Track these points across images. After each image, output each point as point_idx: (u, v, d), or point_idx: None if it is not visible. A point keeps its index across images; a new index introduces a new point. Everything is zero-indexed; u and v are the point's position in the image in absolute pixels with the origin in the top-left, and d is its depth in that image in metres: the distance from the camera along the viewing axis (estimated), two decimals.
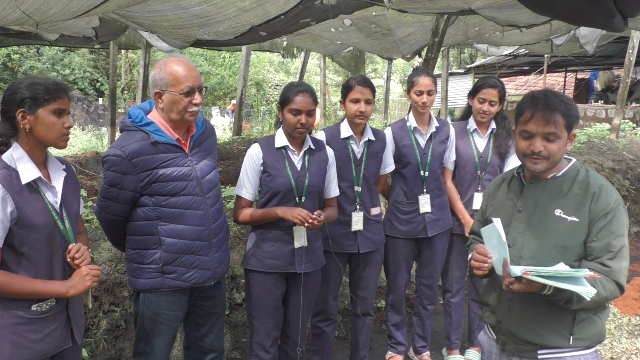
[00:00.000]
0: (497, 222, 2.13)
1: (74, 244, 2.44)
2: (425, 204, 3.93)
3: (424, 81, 3.82)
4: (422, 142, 3.94)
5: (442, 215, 4.02)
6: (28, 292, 2.28)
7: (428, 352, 4.34)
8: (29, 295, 2.29)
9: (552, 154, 2.21)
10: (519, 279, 2.06)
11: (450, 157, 4.08)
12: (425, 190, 3.94)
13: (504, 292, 2.31)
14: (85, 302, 2.61)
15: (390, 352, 4.29)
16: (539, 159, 2.23)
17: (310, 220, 3.00)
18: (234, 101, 26.23)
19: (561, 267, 2.05)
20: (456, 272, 4.24)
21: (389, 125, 4.10)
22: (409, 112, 4.02)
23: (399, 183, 3.96)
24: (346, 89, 3.60)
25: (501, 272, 2.11)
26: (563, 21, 2.73)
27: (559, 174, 2.30)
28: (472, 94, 4.09)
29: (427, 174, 3.92)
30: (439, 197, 4.00)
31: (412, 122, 3.94)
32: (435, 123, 3.98)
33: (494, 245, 2.15)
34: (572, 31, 7.39)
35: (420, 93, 3.83)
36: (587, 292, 1.96)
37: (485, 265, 2.21)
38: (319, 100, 3.41)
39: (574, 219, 2.20)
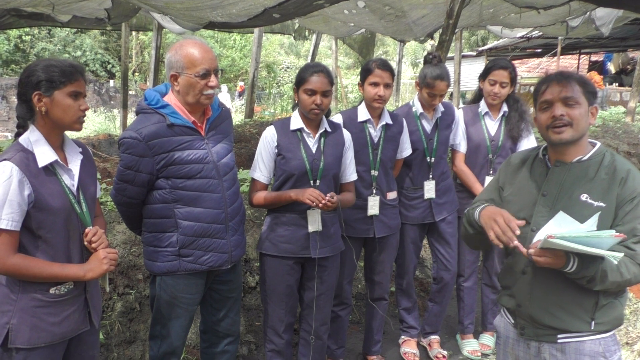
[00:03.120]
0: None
1: (90, 227, 2.43)
2: (430, 189, 3.90)
3: (439, 86, 3.73)
4: (428, 128, 3.90)
5: (447, 199, 4.00)
6: (46, 275, 2.28)
7: (437, 337, 4.34)
8: (47, 278, 2.29)
9: (575, 120, 2.17)
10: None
11: (457, 139, 4.05)
12: (431, 176, 3.91)
13: (525, 276, 2.30)
14: (102, 285, 2.61)
15: (403, 337, 4.30)
16: (562, 125, 2.17)
17: (323, 201, 2.98)
18: (241, 83, 26.25)
19: (583, 229, 2.02)
20: (468, 256, 4.22)
21: (394, 110, 4.05)
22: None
23: (404, 169, 3.93)
24: (365, 72, 3.55)
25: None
26: (587, 1, 2.68)
27: (585, 157, 2.26)
28: (483, 76, 4.04)
29: (433, 160, 3.89)
30: (443, 181, 3.98)
31: (417, 107, 3.89)
32: (440, 108, 3.93)
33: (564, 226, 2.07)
34: (588, 12, 7.30)
35: (433, 95, 3.77)
36: (615, 255, 1.94)
37: (508, 233, 2.11)
38: (333, 82, 3.37)
39: (601, 204, 2.16)
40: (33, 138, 2.30)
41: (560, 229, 2.02)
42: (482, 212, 2.29)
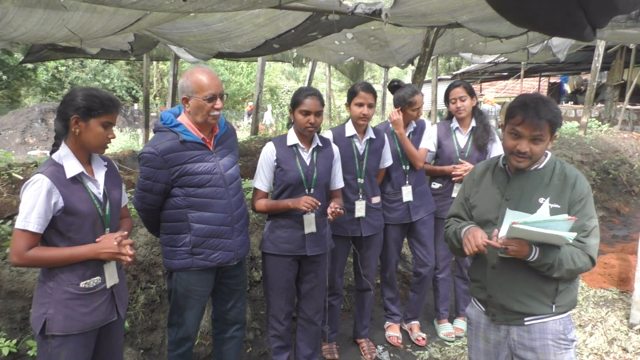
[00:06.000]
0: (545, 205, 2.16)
1: (108, 228, 2.43)
2: (407, 193, 3.91)
3: (418, 99, 3.83)
4: None
5: (423, 202, 4.00)
6: (60, 258, 2.27)
7: (417, 323, 4.35)
8: (62, 261, 2.27)
9: (535, 154, 2.22)
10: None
11: (425, 145, 4.01)
12: (407, 182, 3.92)
13: (494, 270, 2.32)
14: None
15: (387, 322, 4.30)
16: (523, 158, 2.22)
17: (314, 205, 3.00)
18: (250, 103, 26.26)
19: (543, 215, 2.09)
20: (442, 251, 4.24)
21: (376, 126, 4.09)
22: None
23: (385, 176, 3.93)
24: (351, 94, 3.58)
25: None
26: (540, 33, 2.71)
27: (540, 166, 2.31)
28: (446, 100, 4.10)
29: (408, 167, 3.91)
30: (419, 185, 3.99)
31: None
32: (413, 124, 3.96)
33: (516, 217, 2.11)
34: (545, 41, 7.34)
35: (417, 109, 3.84)
36: (570, 235, 1.99)
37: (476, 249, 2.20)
38: (325, 103, 3.39)
39: (556, 205, 2.21)
40: (62, 153, 2.33)
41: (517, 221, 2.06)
42: (466, 231, 2.31)
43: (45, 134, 17.91)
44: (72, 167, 2.32)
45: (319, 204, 3.05)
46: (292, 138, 3.26)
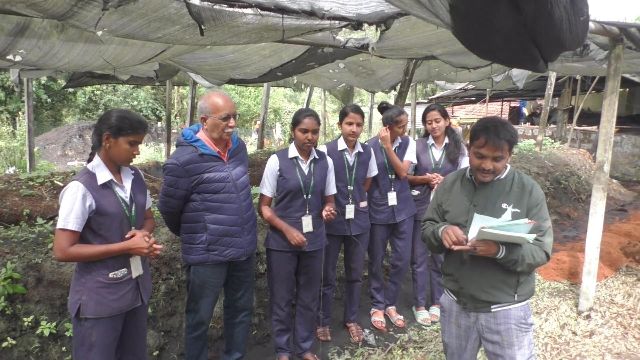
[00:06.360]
0: (508, 212, 2.18)
1: (134, 226, 2.43)
2: (392, 198, 3.92)
3: (404, 118, 3.87)
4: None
5: (405, 206, 4.00)
6: (97, 253, 2.28)
7: (393, 307, 4.36)
8: (100, 255, 2.29)
9: (497, 170, 2.24)
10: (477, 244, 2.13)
11: (408, 158, 4.02)
12: (392, 188, 3.93)
13: (465, 265, 2.33)
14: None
15: (373, 309, 4.30)
16: (487, 174, 2.25)
17: (300, 243, 3.10)
18: (258, 122, 26.29)
19: (507, 219, 2.12)
20: (420, 249, 4.24)
21: (366, 142, 4.11)
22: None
23: (373, 183, 3.94)
24: (343, 115, 3.59)
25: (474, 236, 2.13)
26: (502, 65, 2.74)
27: (502, 176, 2.33)
28: (423, 120, 4.11)
29: (393, 176, 3.92)
30: (403, 192, 3.99)
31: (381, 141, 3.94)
32: (398, 140, 3.98)
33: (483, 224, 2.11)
34: (506, 71, 7.40)
35: (402, 127, 3.87)
36: (530, 236, 2.01)
37: (457, 244, 2.17)
38: (321, 122, 3.40)
39: (517, 210, 2.23)
40: (95, 163, 2.34)
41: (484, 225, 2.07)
42: (444, 229, 2.31)
43: (82, 147, 17.82)
44: (103, 175, 2.33)
45: (306, 243, 3.12)
46: (293, 151, 3.27)
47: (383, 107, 3.98)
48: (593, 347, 3.59)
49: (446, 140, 4.08)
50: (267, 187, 3.27)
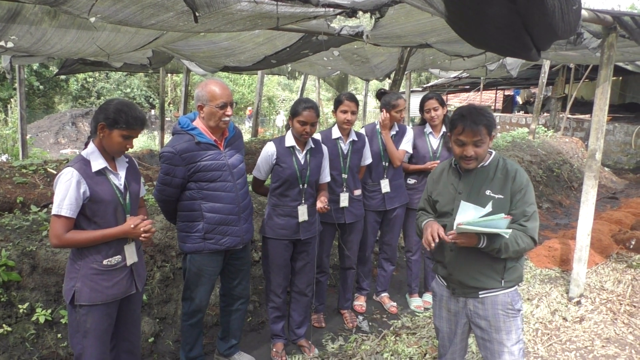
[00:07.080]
0: (489, 206, 2.14)
1: (129, 214, 2.44)
2: (385, 185, 3.94)
3: (401, 103, 3.87)
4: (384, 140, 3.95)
5: (397, 194, 4.02)
6: (93, 238, 2.29)
7: (386, 294, 4.40)
8: (95, 240, 2.29)
9: (480, 156, 2.25)
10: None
11: (405, 147, 4.03)
12: (385, 176, 3.94)
13: (453, 252, 2.35)
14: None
15: (356, 294, 4.33)
16: (470, 160, 2.26)
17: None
18: (250, 108, 26.17)
19: (485, 211, 2.10)
20: (414, 237, 4.26)
21: (363, 127, 4.12)
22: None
23: (367, 171, 3.95)
24: (337, 103, 3.59)
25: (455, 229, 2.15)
26: (495, 53, 2.75)
27: (486, 163, 2.33)
28: (421, 109, 4.11)
29: (387, 164, 3.93)
30: (396, 180, 4.00)
31: (379, 126, 3.96)
32: (396, 128, 3.98)
33: (467, 212, 2.13)
34: (501, 60, 7.40)
35: (399, 111, 3.87)
36: (506, 232, 2.02)
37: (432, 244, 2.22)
38: (320, 114, 3.40)
39: (500, 196, 2.24)
40: (89, 151, 2.34)
41: (467, 216, 2.09)
42: (424, 225, 2.34)
43: (75, 135, 17.68)
44: (97, 162, 2.32)
45: (325, 205, 3.15)
46: (290, 140, 3.27)
47: (381, 93, 3.99)
48: (583, 332, 3.66)
49: (443, 128, 4.10)
50: (260, 171, 3.31)
